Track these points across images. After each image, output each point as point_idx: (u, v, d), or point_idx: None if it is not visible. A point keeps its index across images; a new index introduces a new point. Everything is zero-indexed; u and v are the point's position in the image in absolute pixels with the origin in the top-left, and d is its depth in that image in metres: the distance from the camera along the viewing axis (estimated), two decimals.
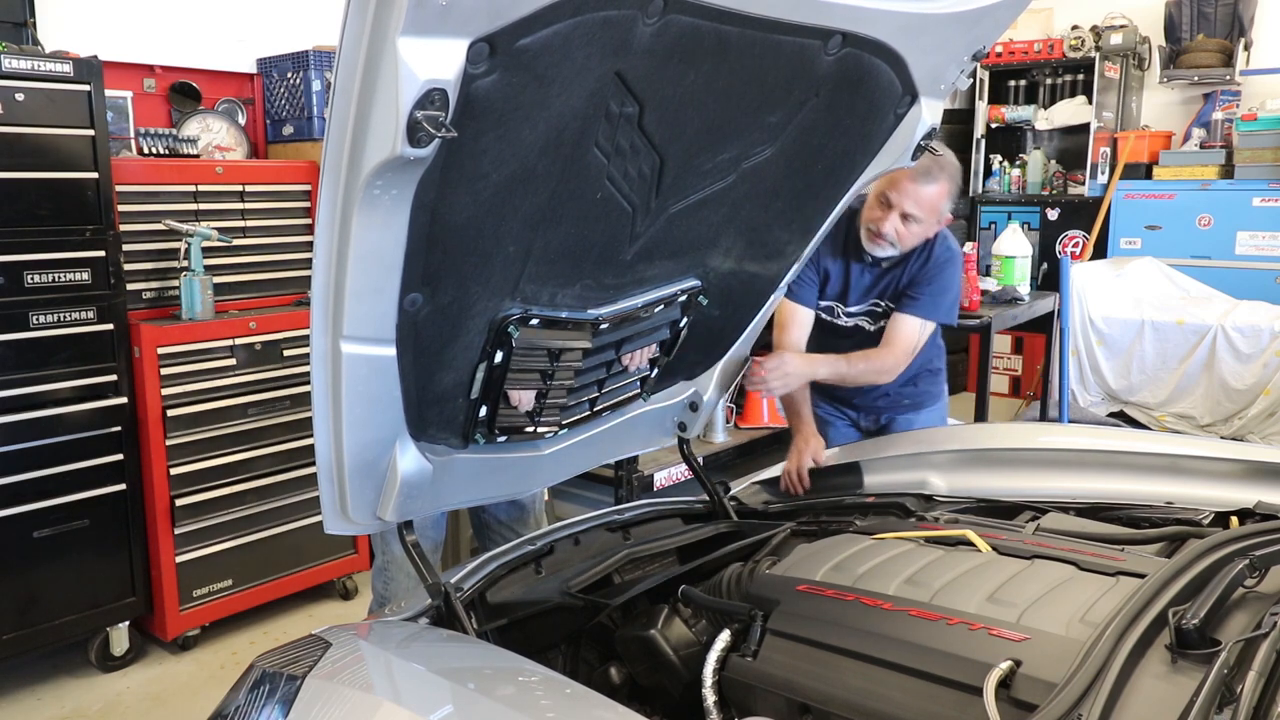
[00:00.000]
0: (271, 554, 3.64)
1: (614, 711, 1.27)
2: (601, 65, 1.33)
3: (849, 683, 1.42)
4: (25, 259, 2.96)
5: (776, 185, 1.81)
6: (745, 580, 1.75)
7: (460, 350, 1.65)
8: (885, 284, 2.61)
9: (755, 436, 4.71)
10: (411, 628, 1.67)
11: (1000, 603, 1.44)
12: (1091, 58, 6.25)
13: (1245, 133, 5.72)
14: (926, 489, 2.20)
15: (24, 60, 2.90)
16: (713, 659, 1.55)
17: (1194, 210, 5.84)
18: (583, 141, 1.44)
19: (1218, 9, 6.00)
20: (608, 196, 1.56)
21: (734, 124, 1.60)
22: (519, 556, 1.91)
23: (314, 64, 4.03)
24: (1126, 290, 5.36)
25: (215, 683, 3.29)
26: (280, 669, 1.45)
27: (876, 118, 1.82)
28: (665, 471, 4.13)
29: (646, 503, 2.24)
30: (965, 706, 1.29)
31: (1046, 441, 2.24)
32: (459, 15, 1.15)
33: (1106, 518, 1.89)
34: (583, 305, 1.73)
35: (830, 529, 1.96)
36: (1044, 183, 6.65)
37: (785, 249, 2.05)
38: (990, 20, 1.72)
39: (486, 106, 1.27)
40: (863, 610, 1.51)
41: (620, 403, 2.11)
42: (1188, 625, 1.23)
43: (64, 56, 3.00)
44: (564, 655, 1.88)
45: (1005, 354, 6.51)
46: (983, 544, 1.69)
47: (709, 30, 1.38)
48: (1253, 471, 1.93)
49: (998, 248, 4.86)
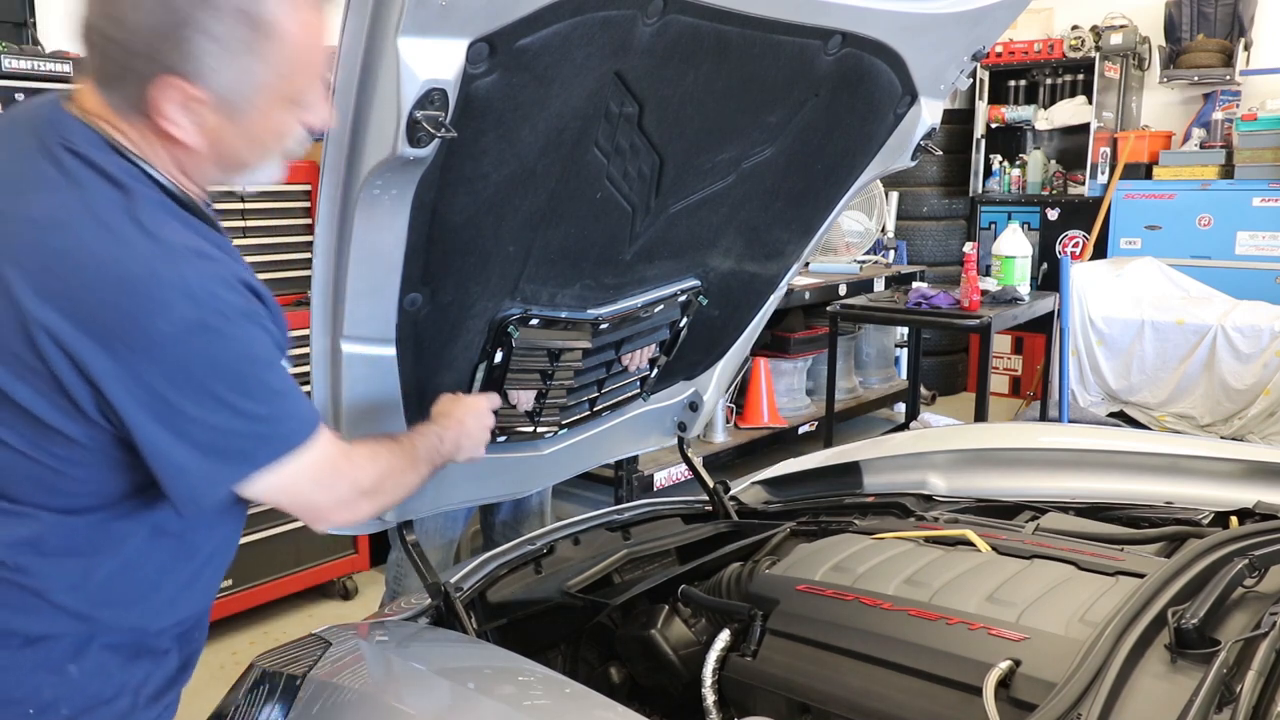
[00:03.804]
0: (271, 554, 3.63)
1: (614, 711, 1.27)
2: (601, 65, 1.33)
3: (849, 682, 1.42)
4: None
5: (776, 185, 1.81)
6: (745, 580, 1.75)
7: (460, 350, 1.65)
8: None
9: (755, 436, 4.72)
10: (411, 627, 1.67)
11: (1000, 602, 1.44)
12: (1091, 58, 6.25)
13: (1245, 133, 5.72)
14: (926, 489, 2.20)
15: (24, 60, 2.90)
16: (712, 659, 1.55)
17: (1194, 210, 5.84)
18: (582, 141, 1.44)
19: (1218, 9, 6.00)
20: (607, 196, 1.56)
21: (734, 124, 1.60)
22: (519, 556, 1.91)
23: None
24: (1126, 290, 5.36)
25: (215, 683, 3.26)
26: (280, 669, 1.45)
27: (876, 118, 1.82)
28: (665, 471, 4.14)
29: (646, 503, 2.24)
30: (965, 706, 1.29)
31: (1046, 441, 2.24)
32: (459, 15, 1.15)
33: (1106, 518, 1.89)
34: (582, 305, 1.73)
35: (830, 529, 1.96)
36: (1044, 183, 6.65)
37: (785, 249, 2.05)
38: (990, 20, 1.72)
39: (486, 106, 1.27)
40: (862, 610, 1.51)
41: (620, 403, 2.11)
42: (1187, 625, 1.22)
43: (64, 56, 3.01)
44: (564, 655, 1.88)
45: (1005, 354, 6.51)
46: (982, 544, 1.69)
47: (709, 30, 1.38)
48: (1253, 471, 1.93)
49: (998, 248, 4.86)
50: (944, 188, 6.85)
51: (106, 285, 0.99)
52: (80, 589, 1.13)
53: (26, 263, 1.01)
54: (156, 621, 1.22)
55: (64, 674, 1.13)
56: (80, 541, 1.11)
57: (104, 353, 0.99)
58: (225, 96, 1.08)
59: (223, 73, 1.06)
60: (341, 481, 1.22)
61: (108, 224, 1.01)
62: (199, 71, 1.05)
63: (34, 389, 1.03)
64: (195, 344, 1.01)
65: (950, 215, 6.90)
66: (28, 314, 0.99)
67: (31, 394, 1.03)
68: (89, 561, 1.13)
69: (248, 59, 1.07)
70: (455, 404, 1.58)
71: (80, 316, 0.99)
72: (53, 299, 0.99)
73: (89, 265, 1.00)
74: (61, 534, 1.10)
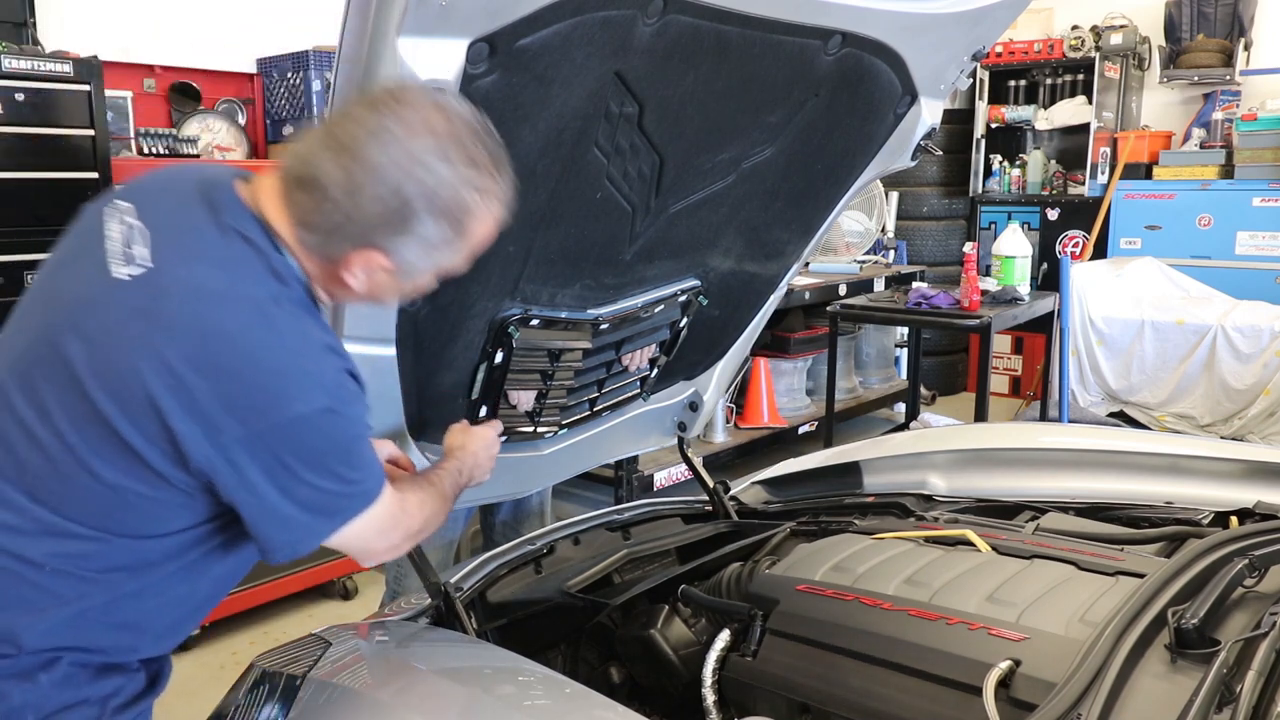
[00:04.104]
0: None
1: (614, 711, 1.27)
2: (601, 65, 1.33)
3: (848, 682, 1.42)
4: (25, 259, 2.95)
5: (776, 185, 1.81)
6: (745, 580, 1.75)
7: (460, 350, 1.65)
8: None
9: (755, 436, 4.71)
10: (411, 627, 1.67)
11: (1000, 602, 1.44)
12: (1091, 58, 6.24)
13: (1245, 133, 5.72)
14: (926, 489, 2.20)
15: (24, 60, 2.90)
16: (712, 659, 1.55)
17: (1194, 210, 5.84)
18: (582, 141, 1.44)
19: (1218, 9, 6.00)
20: (608, 196, 1.56)
21: (734, 124, 1.60)
22: (519, 556, 1.91)
23: (314, 64, 4.02)
24: (1126, 290, 5.36)
25: (215, 683, 3.28)
26: (280, 669, 1.45)
27: (876, 118, 1.82)
28: (665, 471, 4.14)
29: (646, 503, 2.24)
30: (965, 706, 1.29)
31: (1046, 441, 2.24)
32: (459, 15, 1.15)
33: (1106, 518, 1.89)
34: (583, 305, 1.73)
35: (830, 529, 1.95)
36: (1044, 183, 6.65)
37: (785, 249, 2.05)
38: (990, 20, 1.72)
39: (486, 106, 1.27)
40: (862, 610, 1.51)
41: (620, 403, 2.12)
42: (1187, 625, 1.23)
43: (64, 56, 3.01)
44: (564, 655, 1.88)
45: (1005, 354, 6.51)
46: (982, 544, 1.69)
47: (709, 30, 1.38)
48: (1253, 471, 1.93)
49: (998, 248, 4.86)
50: (944, 188, 6.85)
51: (257, 368, 1.11)
52: (102, 606, 1.20)
53: (182, 327, 1.11)
54: (149, 649, 1.28)
55: (35, 681, 1.18)
56: (121, 562, 1.20)
57: (239, 423, 1.11)
58: (406, 269, 1.22)
59: (418, 259, 1.21)
60: (398, 530, 1.34)
61: (265, 313, 1.13)
62: (398, 252, 1.19)
63: (147, 436, 1.12)
64: (322, 424, 1.15)
65: (950, 215, 6.90)
66: (173, 372, 1.10)
67: (144, 440, 1.12)
68: (121, 580, 1.20)
69: (442, 250, 1.22)
70: (466, 436, 1.62)
71: (224, 388, 1.10)
72: (202, 368, 1.10)
73: (243, 347, 1.11)
74: (108, 554, 1.18)
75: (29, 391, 1.15)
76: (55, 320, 1.16)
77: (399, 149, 1.13)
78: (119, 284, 1.13)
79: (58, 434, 1.13)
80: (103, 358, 1.12)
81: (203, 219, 1.17)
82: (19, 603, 1.16)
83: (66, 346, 1.13)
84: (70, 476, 1.14)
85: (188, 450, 1.12)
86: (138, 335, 1.11)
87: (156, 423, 1.11)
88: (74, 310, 1.15)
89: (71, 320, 1.14)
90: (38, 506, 1.15)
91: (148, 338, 1.11)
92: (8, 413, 1.16)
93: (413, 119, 1.13)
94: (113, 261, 1.15)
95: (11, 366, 1.18)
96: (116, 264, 1.15)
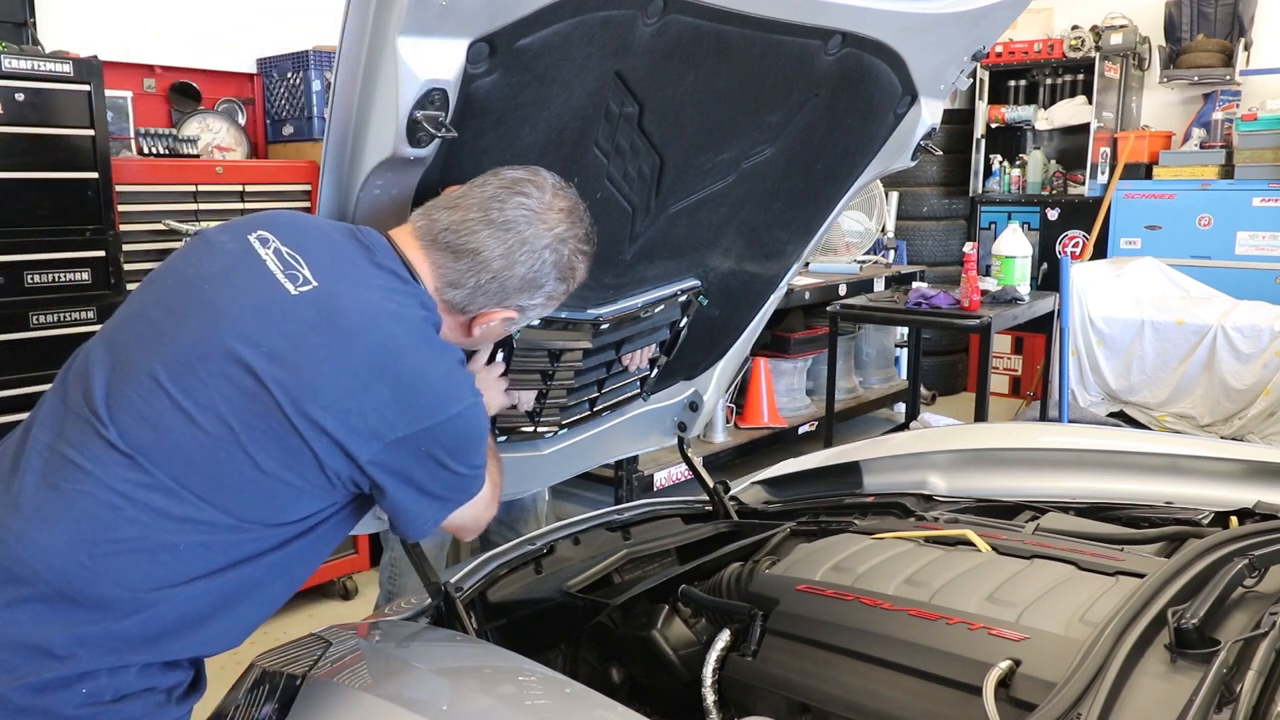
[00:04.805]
0: None
1: (614, 711, 1.27)
2: (601, 65, 1.33)
3: (848, 682, 1.43)
4: (25, 259, 2.95)
5: (776, 185, 1.81)
6: (745, 580, 1.75)
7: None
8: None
9: (755, 436, 4.72)
10: (411, 627, 1.67)
11: (1000, 602, 1.44)
12: (1091, 58, 6.25)
13: (1245, 133, 5.72)
14: (926, 489, 2.20)
15: (24, 60, 2.90)
16: (712, 659, 1.55)
17: (1194, 210, 5.84)
18: (583, 141, 1.44)
19: (1218, 9, 6.00)
20: (608, 196, 1.56)
21: (734, 124, 1.60)
22: (519, 556, 1.91)
23: (314, 64, 4.02)
24: (1126, 290, 5.36)
25: (215, 683, 3.26)
26: (280, 668, 1.45)
27: (876, 118, 1.82)
28: (665, 471, 4.14)
29: (646, 503, 2.24)
30: (965, 706, 1.29)
31: (1046, 441, 2.24)
32: (459, 15, 1.15)
33: (1106, 518, 1.89)
34: (582, 305, 1.73)
35: (830, 529, 1.95)
36: (1044, 183, 6.65)
37: (785, 249, 2.05)
38: (990, 20, 1.72)
39: (486, 106, 1.27)
40: (862, 610, 1.51)
41: (620, 403, 2.12)
42: (1187, 625, 1.22)
43: (64, 56, 3.00)
44: (564, 655, 1.88)
45: (1005, 354, 6.52)
46: (982, 544, 1.69)
47: (709, 30, 1.38)
48: (1253, 471, 1.93)
49: (998, 248, 4.86)
50: (944, 188, 6.85)
51: (426, 376, 1.28)
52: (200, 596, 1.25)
53: (361, 337, 1.24)
54: (219, 645, 1.32)
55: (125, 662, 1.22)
56: (243, 553, 1.27)
57: (409, 423, 1.26)
58: (522, 320, 1.45)
59: (535, 311, 1.44)
60: (489, 510, 1.52)
61: (422, 333, 1.30)
62: (525, 309, 1.41)
63: (322, 430, 1.23)
64: (469, 419, 1.32)
65: (950, 215, 6.90)
66: (356, 377, 1.23)
67: (317, 434, 1.23)
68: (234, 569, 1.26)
69: (553, 303, 1.44)
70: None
71: (399, 393, 1.25)
72: (382, 375, 1.24)
73: (414, 357, 1.27)
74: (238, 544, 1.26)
75: (189, 383, 1.21)
76: (226, 326, 1.23)
77: (544, 226, 1.35)
78: (294, 298, 1.24)
79: (223, 422, 1.21)
80: (282, 362, 1.21)
81: (357, 254, 1.30)
82: (145, 580, 1.20)
83: (242, 351, 1.21)
84: (225, 462, 1.22)
85: (358, 447, 1.24)
86: (320, 344, 1.23)
87: (333, 420, 1.22)
88: (251, 319, 1.23)
89: (248, 329, 1.22)
90: (184, 490, 1.21)
91: (330, 346, 1.23)
92: (165, 400, 1.21)
93: (548, 200, 1.35)
94: (281, 278, 1.25)
95: (166, 360, 1.23)
96: (286, 281, 1.25)
